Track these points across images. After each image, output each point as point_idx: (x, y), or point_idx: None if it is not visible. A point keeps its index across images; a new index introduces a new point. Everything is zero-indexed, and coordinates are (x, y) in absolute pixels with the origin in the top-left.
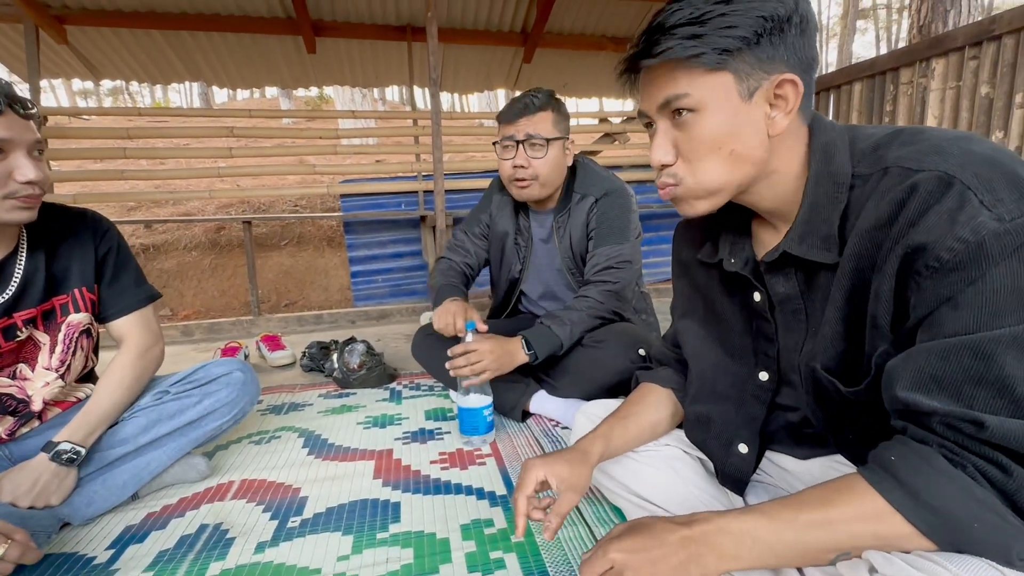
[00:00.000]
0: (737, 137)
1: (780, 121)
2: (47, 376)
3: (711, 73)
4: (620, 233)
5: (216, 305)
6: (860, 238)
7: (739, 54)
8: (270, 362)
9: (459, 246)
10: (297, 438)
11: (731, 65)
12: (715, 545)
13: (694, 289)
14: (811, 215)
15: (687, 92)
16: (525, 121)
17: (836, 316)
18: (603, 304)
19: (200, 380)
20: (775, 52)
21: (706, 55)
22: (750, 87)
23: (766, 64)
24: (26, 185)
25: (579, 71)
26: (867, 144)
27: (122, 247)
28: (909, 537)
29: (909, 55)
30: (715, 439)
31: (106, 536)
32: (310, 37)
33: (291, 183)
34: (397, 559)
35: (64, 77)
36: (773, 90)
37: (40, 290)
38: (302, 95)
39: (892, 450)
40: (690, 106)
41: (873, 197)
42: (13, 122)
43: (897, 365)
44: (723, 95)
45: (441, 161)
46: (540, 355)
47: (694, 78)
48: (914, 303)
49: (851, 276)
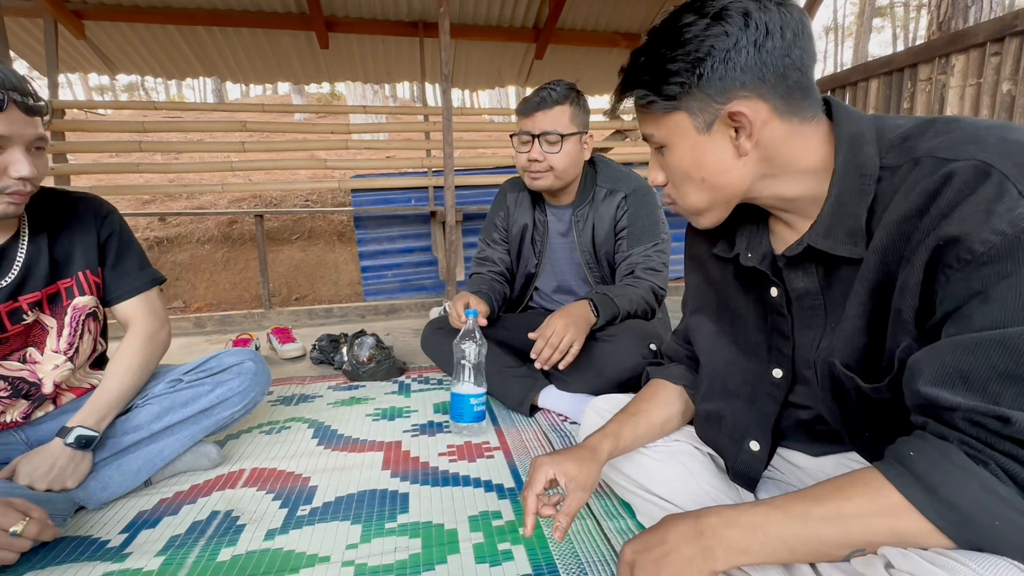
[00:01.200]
0: (703, 167)
1: (744, 144)
2: (56, 359)
3: (667, 115)
4: (653, 233)
5: (228, 298)
6: (887, 230)
7: (687, 94)
8: (281, 354)
9: (484, 259)
10: (307, 428)
11: (683, 105)
12: (724, 539)
13: (708, 284)
14: (837, 208)
15: (652, 133)
16: (541, 115)
17: (858, 311)
18: (651, 300)
19: (213, 369)
20: (725, 82)
21: (655, 103)
22: (706, 120)
23: (717, 97)
24: (18, 181)
25: (591, 68)
26: (896, 135)
27: (124, 230)
28: (926, 534)
29: (928, 51)
30: (726, 436)
31: (119, 521)
32: (323, 33)
33: (302, 178)
34: (406, 548)
35: (81, 72)
36: (728, 118)
37: (44, 274)
38: (314, 91)
39: (910, 445)
40: (658, 143)
41: (903, 188)
42: (15, 118)
43: (921, 359)
44: (680, 133)
45: (452, 157)
46: (603, 319)
47: (656, 120)
48: (941, 297)
49: (876, 270)
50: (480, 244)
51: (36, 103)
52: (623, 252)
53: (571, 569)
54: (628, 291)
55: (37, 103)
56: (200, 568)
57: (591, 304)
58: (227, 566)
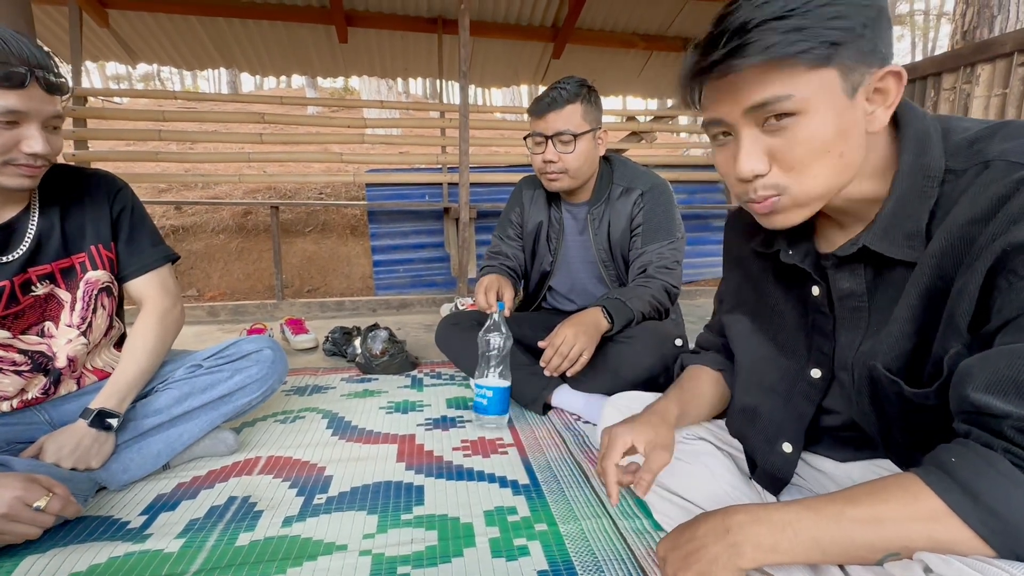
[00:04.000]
0: (845, 138)
1: (880, 116)
2: (69, 333)
3: (814, 70)
4: (668, 231)
5: (241, 288)
6: (949, 234)
7: (843, 48)
8: (293, 345)
9: (496, 253)
10: (321, 419)
11: (836, 60)
12: (752, 536)
13: (746, 280)
14: (897, 209)
15: (789, 93)
16: (553, 116)
17: (907, 315)
18: (663, 300)
19: (232, 356)
20: (876, 44)
21: (814, 50)
22: (854, 83)
23: (868, 57)
24: (29, 156)
25: (608, 68)
26: (962, 137)
27: (136, 206)
28: (966, 541)
29: (954, 60)
30: (760, 434)
31: (139, 503)
32: (342, 26)
33: (317, 171)
34: (422, 540)
35: (104, 60)
36: (875, 84)
37: (56, 247)
38: (328, 86)
39: (952, 452)
40: (791, 109)
41: (969, 192)
42: (35, 95)
43: (973, 365)
44: (829, 94)
45: (467, 154)
46: (618, 325)
47: (795, 76)
48: (1000, 304)
49: (931, 274)
50: (494, 240)
51: (57, 80)
52: (637, 249)
53: (587, 566)
54: (640, 292)
55: (58, 80)
56: (219, 552)
57: (604, 311)
58: (246, 551)
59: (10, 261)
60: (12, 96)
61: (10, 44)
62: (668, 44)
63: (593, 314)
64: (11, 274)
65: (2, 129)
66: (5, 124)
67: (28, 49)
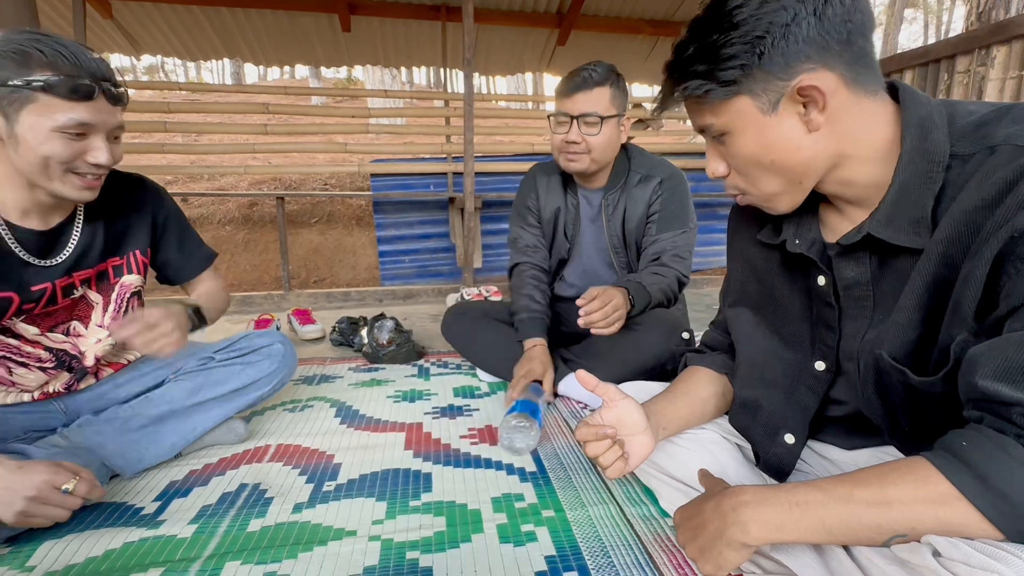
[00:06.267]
0: (772, 149)
1: (816, 118)
2: (99, 334)
3: (726, 102)
4: (683, 220)
5: (248, 279)
6: (955, 220)
7: (748, 77)
8: (301, 335)
9: (525, 247)
10: (329, 408)
11: (743, 88)
12: (757, 514)
13: (750, 273)
14: (901, 196)
15: (711, 122)
16: (582, 96)
17: (913, 303)
18: (674, 289)
19: (243, 349)
20: (788, 57)
21: (713, 92)
22: (771, 100)
23: (781, 73)
24: (93, 167)
25: (614, 55)
26: (968, 121)
27: (179, 212)
28: (975, 523)
29: (968, 42)
30: (760, 427)
31: (152, 489)
32: (345, 15)
33: (321, 162)
34: (430, 526)
35: (108, 52)
36: (796, 94)
37: (98, 253)
38: (331, 76)
39: (963, 436)
40: (718, 132)
41: (976, 177)
42: (101, 107)
43: (981, 353)
44: (744, 117)
45: (472, 143)
46: (637, 308)
47: (714, 109)
48: (1008, 291)
49: (938, 261)
50: (514, 230)
51: (119, 91)
52: (651, 236)
53: (594, 551)
54: (655, 281)
55: (120, 91)
56: (232, 537)
57: (628, 293)
58: (257, 536)
59: (55, 265)
60: (81, 109)
61: (79, 57)
62: (675, 30)
63: (623, 292)
64: (55, 277)
65: (70, 140)
66: (74, 136)
67: (94, 62)
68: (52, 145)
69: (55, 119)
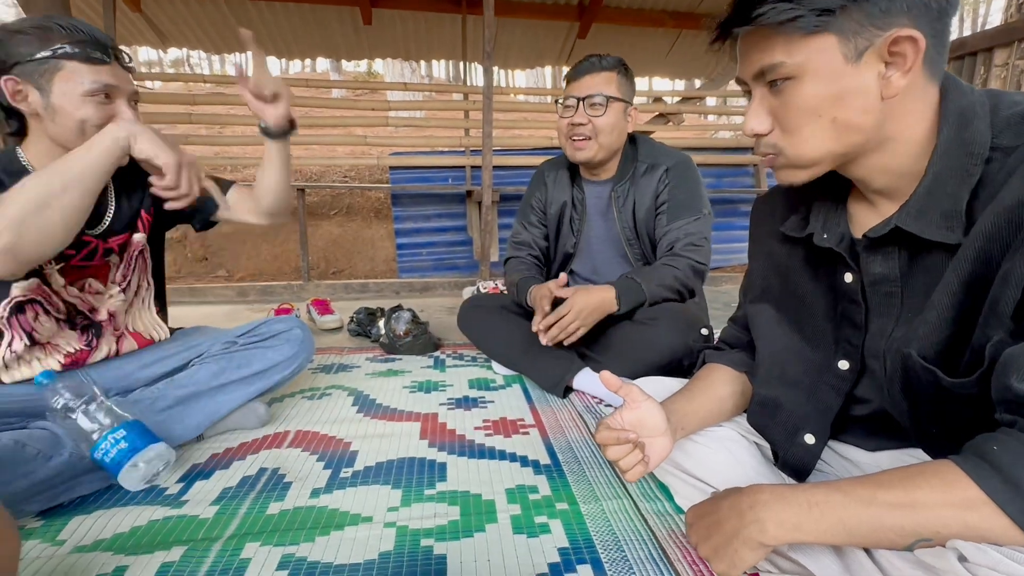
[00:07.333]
0: (840, 103)
1: (896, 81)
2: (112, 290)
3: (810, 37)
4: (694, 207)
5: (269, 269)
6: (996, 216)
7: (844, 12)
8: (319, 325)
9: (521, 243)
10: (347, 396)
11: (834, 25)
12: (775, 513)
13: (773, 268)
14: (934, 188)
15: (782, 61)
16: (589, 79)
17: (947, 301)
18: (688, 278)
19: (264, 334)
20: (891, 3)
21: (803, 18)
22: (858, 47)
23: (879, 19)
24: None
25: (635, 48)
26: (1013, 112)
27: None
28: (1003, 530)
29: (1007, 34)
30: (780, 426)
31: (176, 471)
32: (367, 8)
33: (341, 154)
34: (445, 515)
35: (137, 45)
36: (887, 48)
37: (125, 217)
38: (352, 70)
39: (993, 440)
40: (786, 74)
41: (1019, 171)
42: (118, 71)
43: (1017, 354)
44: (824, 60)
45: (491, 136)
46: (624, 308)
47: (791, 44)
48: None
49: (975, 259)
50: (516, 226)
51: (130, 62)
52: (663, 227)
53: (607, 545)
54: (663, 273)
55: (130, 62)
56: (251, 519)
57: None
58: (276, 519)
59: (100, 232)
60: (104, 71)
61: (90, 29)
62: (698, 22)
63: (604, 292)
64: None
65: (100, 104)
66: (103, 100)
67: (101, 33)
68: (86, 109)
69: (82, 84)
